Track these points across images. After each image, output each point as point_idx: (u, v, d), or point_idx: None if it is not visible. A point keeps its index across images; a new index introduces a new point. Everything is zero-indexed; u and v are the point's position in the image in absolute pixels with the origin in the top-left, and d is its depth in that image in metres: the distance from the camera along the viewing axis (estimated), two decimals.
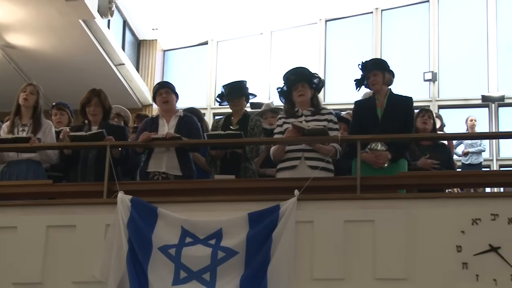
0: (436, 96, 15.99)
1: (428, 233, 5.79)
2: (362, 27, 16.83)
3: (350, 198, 6.10)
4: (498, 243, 5.68)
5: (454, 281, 5.69)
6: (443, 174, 6.95)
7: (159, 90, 7.45)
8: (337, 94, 15.74)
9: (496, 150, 15.45)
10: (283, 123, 6.87)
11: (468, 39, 16.24)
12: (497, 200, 5.95)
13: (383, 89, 7.00)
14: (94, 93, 7.33)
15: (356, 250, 5.86)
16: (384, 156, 6.72)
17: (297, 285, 5.82)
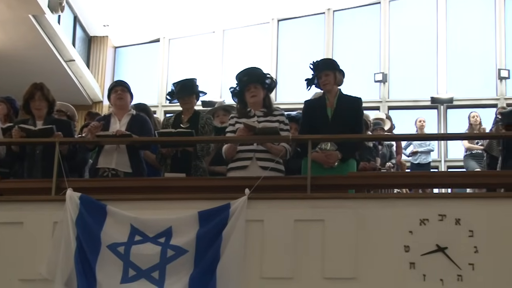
0: (386, 97, 16.12)
1: (377, 233, 5.84)
2: (314, 27, 16.89)
3: (301, 198, 6.11)
4: (445, 244, 5.74)
5: (402, 280, 5.74)
6: (392, 174, 7.03)
7: (115, 87, 7.40)
8: (288, 94, 15.78)
9: (444, 151, 15.63)
10: (235, 123, 6.87)
11: (418, 41, 16.41)
12: (445, 201, 6.02)
13: (334, 89, 7.03)
14: (36, 87, 7.23)
15: (306, 250, 5.87)
16: (334, 156, 6.75)
17: (246, 283, 5.82)
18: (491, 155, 8.82)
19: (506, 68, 15.75)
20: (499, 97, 15.54)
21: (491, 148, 8.91)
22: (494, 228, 5.73)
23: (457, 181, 6.83)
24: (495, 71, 15.86)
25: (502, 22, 16.02)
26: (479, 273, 5.65)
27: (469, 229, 5.74)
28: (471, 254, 5.69)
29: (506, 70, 15.73)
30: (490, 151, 8.99)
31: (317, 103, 7.10)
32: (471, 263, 5.68)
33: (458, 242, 5.72)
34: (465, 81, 15.94)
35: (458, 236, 5.74)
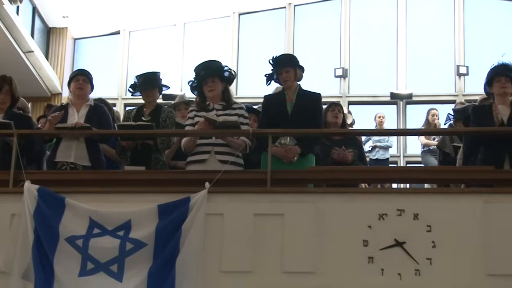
0: (346, 92, 16.20)
1: (336, 227, 5.86)
2: (275, 21, 16.91)
3: (260, 192, 6.12)
4: (403, 238, 5.78)
5: (360, 275, 5.77)
6: (351, 169, 7.05)
7: (77, 75, 7.33)
8: (249, 88, 15.79)
9: (403, 147, 15.76)
10: (194, 116, 6.86)
11: (379, 37, 16.51)
12: (403, 196, 6.05)
13: (294, 85, 7.06)
14: (5, 81, 7.15)
15: (265, 244, 5.88)
16: (293, 151, 6.78)
17: (205, 277, 5.81)
18: (444, 151, 8.90)
19: (464, 64, 15.91)
20: (457, 93, 15.70)
21: (443, 144, 8.98)
22: (451, 223, 5.78)
23: (415, 176, 6.90)
24: (453, 68, 16.01)
25: (461, 19, 16.19)
26: (437, 268, 5.70)
27: (427, 224, 5.79)
28: (428, 249, 5.74)
29: (464, 67, 15.89)
30: (442, 148, 9.05)
31: (277, 98, 7.12)
32: (428, 257, 5.73)
33: (416, 237, 5.77)
34: (424, 77, 16.08)
35: (416, 231, 5.78)
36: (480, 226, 5.76)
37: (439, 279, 5.70)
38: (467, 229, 5.77)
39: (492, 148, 6.63)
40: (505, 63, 6.99)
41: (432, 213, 5.82)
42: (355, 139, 8.16)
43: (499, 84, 6.85)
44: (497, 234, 5.73)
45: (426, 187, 8.65)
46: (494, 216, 5.77)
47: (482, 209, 5.79)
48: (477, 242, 5.74)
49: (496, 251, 5.70)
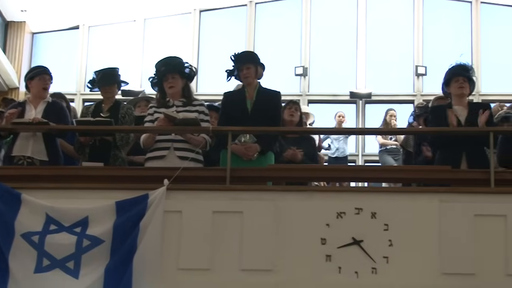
0: (306, 91, 16.23)
1: (295, 225, 5.88)
2: (236, 19, 16.88)
3: (219, 189, 6.11)
4: (361, 237, 5.82)
5: (318, 272, 5.80)
6: (311, 167, 7.07)
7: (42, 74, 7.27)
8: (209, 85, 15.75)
9: (362, 146, 15.84)
10: (154, 112, 6.83)
11: (339, 36, 16.55)
12: (361, 194, 6.09)
13: (254, 82, 7.06)
14: None
15: (224, 241, 5.88)
16: (253, 148, 6.79)
17: (163, 274, 5.80)
18: (407, 150, 8.98)
19: (423, 65, 16.03)
20: (415, 93, 15.81)
21: (407, 143, 9.07)
22: (408, 222, 5.84)
23: (373, 175, 6.94)
24: (412, 68, 16.13)
25: (420, 20, 16.30)
26: (393, 266, 5.75)
27: (384, 222, 5.83)
28: (385, 247, 5.79)
29: (423, 67, 16.00)
30: (406, 147, 9.15)
31: (237, 96, 7.12)
32: (385, 256, 5.78)
33: (373, 235, 5.81)
34: (383, 77, 16.17)
35: (374, 229, 5.82)
36: (436, 225, 5.82)
37: (395, 278, 5.75)
38: (423, 228, 5.83)
39: (450, 148, 6.70)
40: (463, 64, 7.07)
41: (390, 212, 5.86)
42: (309, 138, 8.19)
43: (457, 84, 6.92)
44: (452, 234, 5.79)
45: (384, 186, 8.71)
46: (450, 215, 5.83)
47: (438, 209, 5.85)
48: (433, 241, 5.80)
49: (452, 250, 5.76)
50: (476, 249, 5.75)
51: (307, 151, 7.70)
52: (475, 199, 5.90)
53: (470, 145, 6.64)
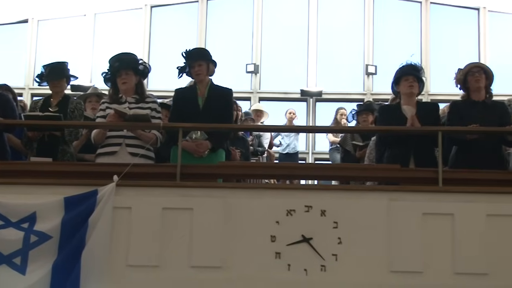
0: (258, 88, 16.26)
1: (245, 222, 5.88)
2: (188, 15, 16.83)
3: (170, 186, 6.09)
4: (310, 234, 5.84)
5: (267, 270, 5.81)
6: (261, 165, 7.10)
7: None
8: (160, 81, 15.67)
9: (312, 144, 15.92)
10: (106, 108, 6.79)
11: (290, 34, 16.61)
12: (311, 192, 6.12)
13: (206, 79, 7.06)
14: None
15: (173, 238, 5.86)
16: (204, 145, 6.78)
17: (111, 271, 5.76)
18: (345, 149, 9.04)
19: (373, 64, 16.17)
20: (366, 92, 15.94)
21: (345, 142, 9.15)
22: (357, 220, 5.87)
23: (323, 173, 6.98)
24: (362, 67, 16.26)
25: (370, 19, 16.43)
26: (342, 264, 5.79)
27: (333, 220, 5.86)
28: (334, 245, 5.81)
29: (373, 66, 16.14)
30: (343, 145, 9.21)
31: (188, 92, 7.11)
32: (334, 253, 5.81)
33: (323, 233, 5.83)
34: (334, 75, 16.27)
35: (323, 227, 5.84)
36: (385, 223, 5.87)
37: (344, 275, 5.78)
38: (372, 226, 5.87)
39: (398, 147, 6.76)
40: (413, 63, 7.13)
41: (339, 209, 5.90)
42: (243, 139, 8.23)
43: (407, 83, 6.98)
44: (401, 232, 5.84)
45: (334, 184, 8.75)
46: (399, 213, 5.87)
47: (387, 207, 5.89)
48: (381, 239, 5.84)
49: (400, 248, 5.81)
50: (424, 248, 5.81)
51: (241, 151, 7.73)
52: (423, 197, 5.96)
53: (419, 144, 6.71)
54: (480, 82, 6.92)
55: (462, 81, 6.98)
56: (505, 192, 5.98)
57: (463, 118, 6.74)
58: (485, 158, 6.58)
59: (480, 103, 6.90)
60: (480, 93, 6.93)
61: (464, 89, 7.03)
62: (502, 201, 5.93)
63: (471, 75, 6.93)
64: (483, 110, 6.79)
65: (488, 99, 6.96)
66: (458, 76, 7.00)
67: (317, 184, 8.37)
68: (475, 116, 6.68)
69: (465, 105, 6.96)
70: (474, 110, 6.80)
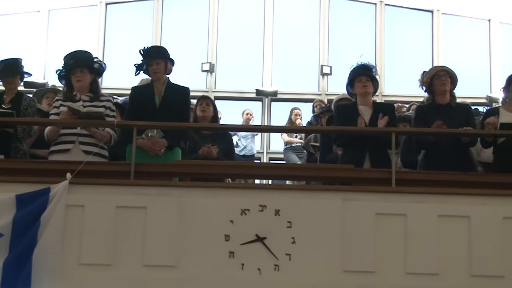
0: (213, 87, 16.24)
1: (199, 221, 5.88)
2: (143, 12, 16.74)
3: (123, 184, 6.06)
4: (264, 234, 5.86)
5: (221, 269, 5.81)
6: (216, 164, 7.07)
7: None
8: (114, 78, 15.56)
9: (267, 143, 15.94)
10: (60, 105, 6.75)
11: (246, 34, 16.62)
12: (266, 192, 6.13)
13: (163, 77, 7.04)
14: None
15: (127, 236, 5.84)
16: (160, 143, 6.77)
17: (63, 269, 5.72)
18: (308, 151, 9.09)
19: (328, 64, 16.26)
20: (320, 92, 16.01)
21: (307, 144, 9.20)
22: (311, 220, 5.90)
23: (278, 172, 7.00)
24: (318, 67, 16.33)
25: (326, 21, 16.51)
26: (296, 263, 5.81)
27: (287, 220, 5.88)
28: (288, 245, 5.84)
29: (328, 67, 16.22)
30: (306, 148, 9.26)
31: (145, 90, 7.09)
32: (288, 253, 5.83)
33: (276, 232, 5.85)
34: (289, 75, 16.32)
35: (277, 226, 5.86)
36: (339, 223, 5.90)
37: (297, 275, 5.80)
38: (326, 226, 5.90)
39: (354, 148, 6.81)
40: (364, 64, 7.19)
41: (293, 209, 5.92)
42: (226, 135, 8.21)
43: (360, 84, 7.04)
44: (354, 232, 5.88)
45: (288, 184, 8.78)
46: (352, 213, 5.91)
47: (341, 207, 5.93)
48: (335, 239, 5.88)
49: (353, 248, 5.85)
50: (377, 248, 5.85)
51: (222, 147, 7.70)
52: (377, 198, 6.01)
53: (374, 144, 6.76)
54: (446, 86, 7.02)
55: (428, 84, 7.05)
56: (456, 193, 6.05)
57: (429, 122, 6.82)
58: (453, 160, 6.66)
59: (445, 106, 6.98)
60: (445, 96, 7.02)
61: (429, 92, 7.10)
62: (453, 202, 6.00)
63: (437, 79, 7.01)
64: (448, 113, 6.87)
65: (452, 102, 7.05)
66: (424, 79, 7.07)
67: (271, 183, 8.40)
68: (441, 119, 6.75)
69: (430, 108, 7.04)
70: (439, 113, 6.87)
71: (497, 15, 16.54)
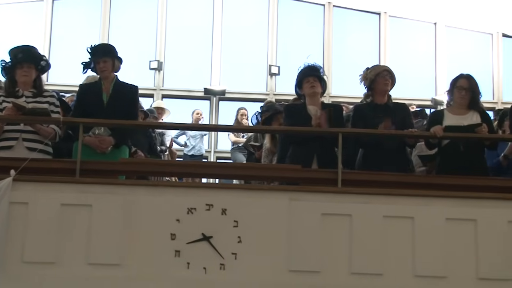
0: (161, 85, 16.18)
1: (145, 220, 5.84)
2: (91, 9, 16.61)
3: (68, 182, 5.99)
4: (210, 233, 5.84)
5: (166, 268, 5.78)
6: (162, 162, 7.06)
7: None
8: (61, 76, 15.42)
9: (215, 143, 15.95)
10: (3, 101, 6.64)
11: (195, 32, 16.60)
12: (213, 191, 6.12)
13: (111, 75, 7.00)
14: None
15: (71, 235, 5.78)
16: (107, 141, 6.73)
17: (6, 267, 5.64)
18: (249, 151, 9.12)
19: (276, 65, 16.32)
20: (268, 92, 16.07)
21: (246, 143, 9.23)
22: (257, 219, 5.90)
23: (225, 171, 7.00)
24: (266, 67, 16.38)
25: (274, 21, 16.58)
26: (241, 263, 5.81)
27: (234, 219, 5.87)
28: (234, 244, 5.83)
29: (276, 67, 16.30)
30: (247, 148, 9.29)
31: (93, 88, 7.04)
32: (234, 252, 5.82)
33: (223, 231, 5.84)
34: (238, 75, 16.35)
35: (224, 226, 5.85)
36: (285, 223, 5.91)
37: (243, 274, 5.80)
38: (272, 225, 5.90)
39: (302, 147, 6.84)
40: (311, 64, 7.23)
41: (240, 209, 5.91)
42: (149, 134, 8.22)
43: (308, 85, 7.07)
44: (300, 232, 5.90)
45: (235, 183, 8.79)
46: (298, 213, 5.93)
47: (287, 207, 5.95)
48: (281, 238, 5.89)
49: (299, 248, 5.87)
50: (322, 248, 5.88)
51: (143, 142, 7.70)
52: (323, 198, 6.03)
53: (322, 145, 6.80)
54: (388, 86, 7.10)
55: (370, 81, 7.10)
56: (401, 194, 6.12)
57: (367, 121, 6.88)
58: (391, 160, 6.73)
59: (382, 106, 7.05)
60: (384, 97, 7.09)
61: (369, 89, 7.16)
62: (397, 203, 6.06)
63: (382, 77, 7.07)
64: (386, 113, 6.94)
65: (389, 102, 7.12)
66: (369, 76, 7.10)
67: (218, 183, 8.40)
68: (379, 119, 6.83)
69: (368, 108, 7.10)
70: (377, 113, 6.94)
71: (443, 18, 16.79)
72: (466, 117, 6.88)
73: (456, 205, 6.04)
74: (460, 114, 6.91)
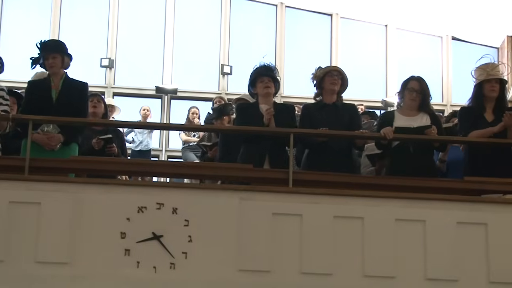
0: (112, 83, 16.07)
1: (95, 218, 5.80)
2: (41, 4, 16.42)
3: (17, 179, 5.93)
4: (161, 232, 5.82)
5: (115, 267, 5.75)
6: (113, 161, 7.02)
7: None
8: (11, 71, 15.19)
9: (166, 141, 15.89)
10: None
11: (147, 30, 16.52)
12: (163, 189, 6.10)
13: (60, 72, 6.95)
14: None
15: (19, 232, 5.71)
16: (56, 138, 6.68)
17: None
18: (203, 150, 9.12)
19: (228, 64, 16.32)
20: (220, 91, 16.04)
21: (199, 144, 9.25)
22: (208, 219, 5.90)
23: (176, 170, 6.99)
24: (218, 66, 16.37)
25: (227, 20, 16.58)
26: (192, 262, 5.80)
27: (185, 218, 5.86)
28: (185, 243, 5.82)
29: (228, 66, 16.29)
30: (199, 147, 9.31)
31: (42, 84, 6.99)
32: (184, 251, 5.81)
33: (173, 230, 5.83)
34: (190, 73, 16.31)
35: (174, 225, 5.84)
36: (236, 222, 5.92)
37: (193, 273, 5.79)
38: (222, 225, 5.91)
39: (254, 146, 6.86)
40: (266, 64, 7.26)
41: (190, 208, 5.90)
42: (117, 131, 8.17)
43: (262, 85, 7.10)
44: (251, 231, 5.91)
45: (186, 182, 8.78)
46: (249, 213, 5.94)
47: (238, 206, 5.95)
48: (231, 238, 5.89)
49: (249, 247, 5.88)
50: (273, 248, 5.89)
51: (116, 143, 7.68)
52: (274, 198, 6.04)
53: (274, 144, 6.83)
54: (335, 86, 7.14)
55: (320, 80, 7.15)
56: (351, 195, 6.16)
57: (314, 121, 6.92)
58: (336, 161, 6.77)
59: (331, 105, 7.10)
60: (332, 96, 7.14)
61: (318, 88, 7.20)
62: (348, 203, 6.09)
63: (330, 76, 7.12)
64: (334, 113, 6.99)
65: (338, 102, 7.17)
66: (317, 73, 7.16)
67: (169, 181, 8.37)
68: (326, 119, 6.89)
69: (316, 108, 7.14)
70: (324, 112, 7.00)
71: (394, 20, 16.95)
72: (416, 119, 6.95)
73: (406, 206, 6.09)
74: (410, 115, 6.99)
